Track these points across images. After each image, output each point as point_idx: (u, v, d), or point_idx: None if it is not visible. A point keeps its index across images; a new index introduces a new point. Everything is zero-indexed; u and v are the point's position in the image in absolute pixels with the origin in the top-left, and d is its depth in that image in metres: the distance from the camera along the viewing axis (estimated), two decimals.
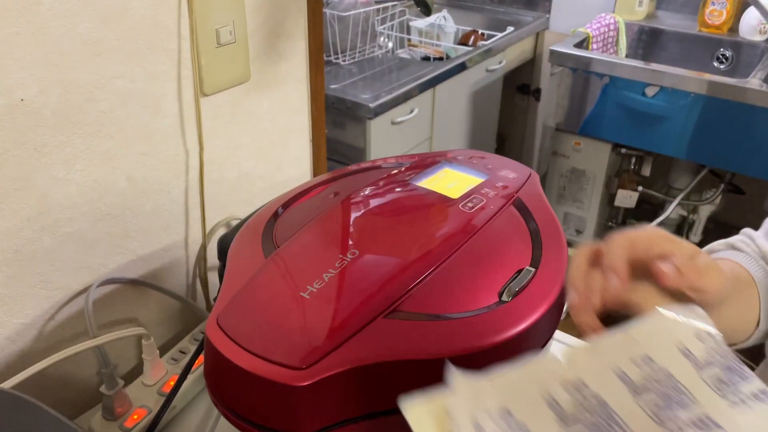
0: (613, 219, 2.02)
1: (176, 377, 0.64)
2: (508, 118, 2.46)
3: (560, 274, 0.50)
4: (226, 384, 0.43)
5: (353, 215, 0.55)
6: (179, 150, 0.69)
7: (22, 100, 0.53)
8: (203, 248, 0.75)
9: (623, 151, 1.82)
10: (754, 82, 1.52)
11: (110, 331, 0.59)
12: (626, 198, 1.87)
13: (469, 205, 0.56)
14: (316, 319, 0.44)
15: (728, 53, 1.85)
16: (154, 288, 0.70)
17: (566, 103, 1.79)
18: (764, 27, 1.77)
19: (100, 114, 0.60)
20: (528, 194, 0.60)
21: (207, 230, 0.74)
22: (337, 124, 1.64)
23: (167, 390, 0.64)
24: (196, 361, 0.64)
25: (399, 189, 0.58)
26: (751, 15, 1.78)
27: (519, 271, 0.49)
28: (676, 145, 1.65)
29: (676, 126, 1.62)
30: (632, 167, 1.87)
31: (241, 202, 0.79)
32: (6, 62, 0.51)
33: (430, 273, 0.47)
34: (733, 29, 1.85)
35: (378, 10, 1.86)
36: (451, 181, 0.60)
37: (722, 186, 1.78)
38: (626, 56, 1.99)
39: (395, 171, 0.62)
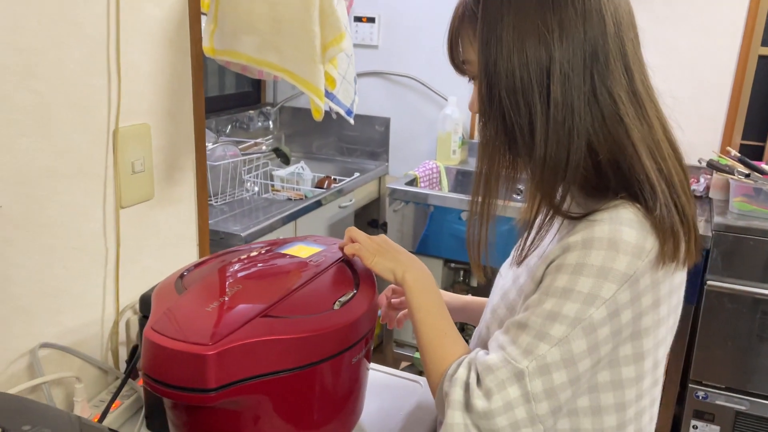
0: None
1: (98, 416, 0.83)
2: None
3: (371, 296, 0.81)
4: (160, 365, 0.67)
5: (238, 267, 0.83)
6: (101, 246, 0.93)
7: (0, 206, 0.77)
8: (116, 324, 0.97)
9: (452, 265, 2.24)
10: None
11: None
12: None
13: (314, 260, 0.86)
14: (217, 320, 0.70)
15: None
16: (76, 354, 0.90)
17: (404, 229, 2.20)
18: None
19: (48, 219, 0.84)
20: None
21: (120, 310, 0.97)
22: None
23: None
24: (115, 403, 0.84)
25: (268, 254, 0.88)
26: None
27: (345, 293, 0.79)
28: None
29: None
30: (461, 278, 2.29)
31: (145, 290, 1.02)
32: None
33: (289, 295, 0.76)
34: None
35: (244, 161, 2.22)
36: (302, 251, 0.90)
37: None
38: (449, 191, 2.49)
39: (267, 247, 0.92)
